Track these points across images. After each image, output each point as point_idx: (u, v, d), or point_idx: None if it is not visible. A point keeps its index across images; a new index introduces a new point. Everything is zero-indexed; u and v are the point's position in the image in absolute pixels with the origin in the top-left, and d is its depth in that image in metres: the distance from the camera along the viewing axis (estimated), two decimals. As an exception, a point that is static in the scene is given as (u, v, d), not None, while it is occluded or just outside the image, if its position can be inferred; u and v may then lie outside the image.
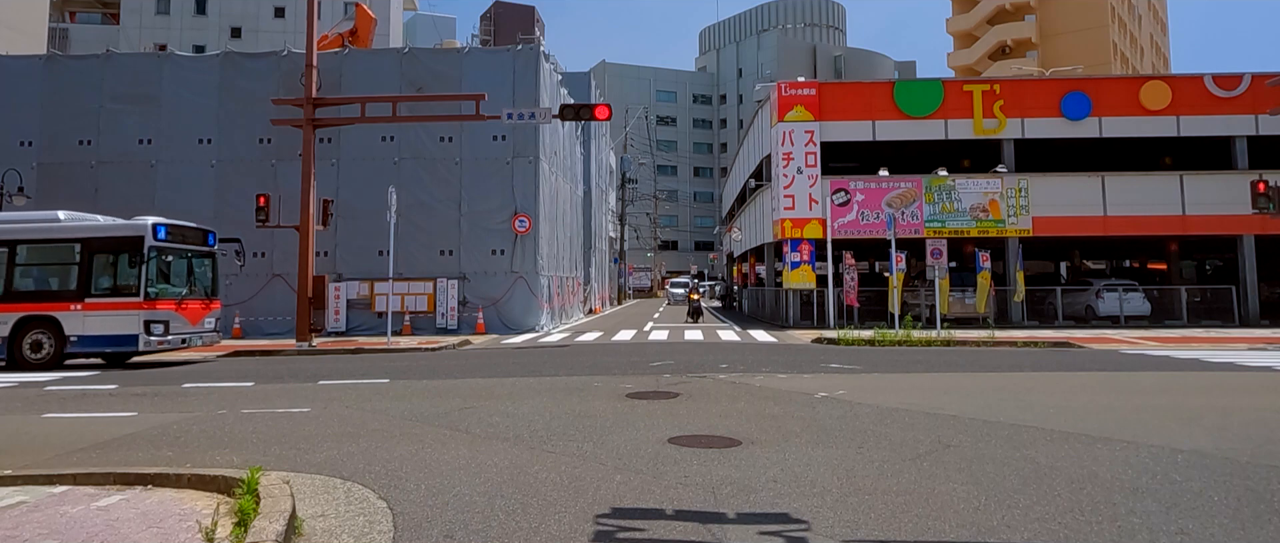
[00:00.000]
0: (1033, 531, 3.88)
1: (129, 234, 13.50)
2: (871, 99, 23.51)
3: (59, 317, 13.25)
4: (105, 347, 13.41)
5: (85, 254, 13.45)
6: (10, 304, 13.35)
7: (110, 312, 13.24)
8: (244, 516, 3.83)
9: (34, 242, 13.78)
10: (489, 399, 8.45)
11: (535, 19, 63.85)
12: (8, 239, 13.58)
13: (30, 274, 13.84)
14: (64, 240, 13.73)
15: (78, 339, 13.22)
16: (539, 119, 17.88)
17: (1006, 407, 7.64)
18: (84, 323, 13.21)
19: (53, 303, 13.38)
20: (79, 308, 13.26)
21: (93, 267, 13.47)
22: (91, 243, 13.50)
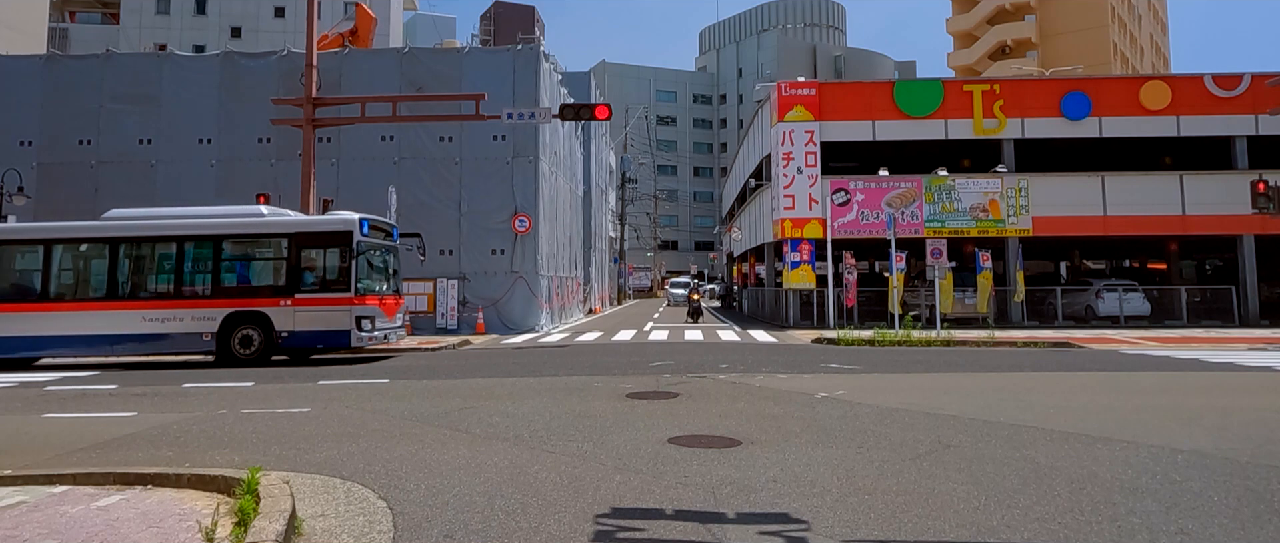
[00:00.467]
0: (1033, 531, 3.88)
1: (338, 229, 13.52)
2: (871, 99, 23.51)
3: (268, 312, 13.28)
4: (316, 343, 13.44)
5: (293, 249, 13.46)
6: (218, 300, 13.41)
7: (320, 307, 13.27)
8: (244, 516, 3.83)
9: (240, 237, 13.86)
10: (489, 399, 8.45)
11: (535, 19, 63.84)
12: (213, 234, 13.65)
13: (236, 269, 13.89)
14: (271, 235, 13.78)
15: (288, 335, 13.26)
16: (539, 119, 17.88)
17: (1006, 407, 7.64)
18: (294, 318, 13.25)
19: (261, 299, 13.40)
20: (289, 304, 13.28)
21: (301, 262, 13.49)
22: (299, 238, 13.52)
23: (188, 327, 13.30)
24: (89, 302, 13.55)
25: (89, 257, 14.10)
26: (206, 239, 13.68)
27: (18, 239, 14.13)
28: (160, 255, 13.92)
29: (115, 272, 13.75)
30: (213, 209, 15.07)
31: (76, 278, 14.13)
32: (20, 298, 13.64)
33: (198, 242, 13.72)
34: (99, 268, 13.89)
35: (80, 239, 14.10)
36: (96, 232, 13.98)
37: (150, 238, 13.91)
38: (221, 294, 13.48)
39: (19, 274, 14.06)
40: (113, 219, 14.20)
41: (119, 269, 13.77)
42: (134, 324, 13.27)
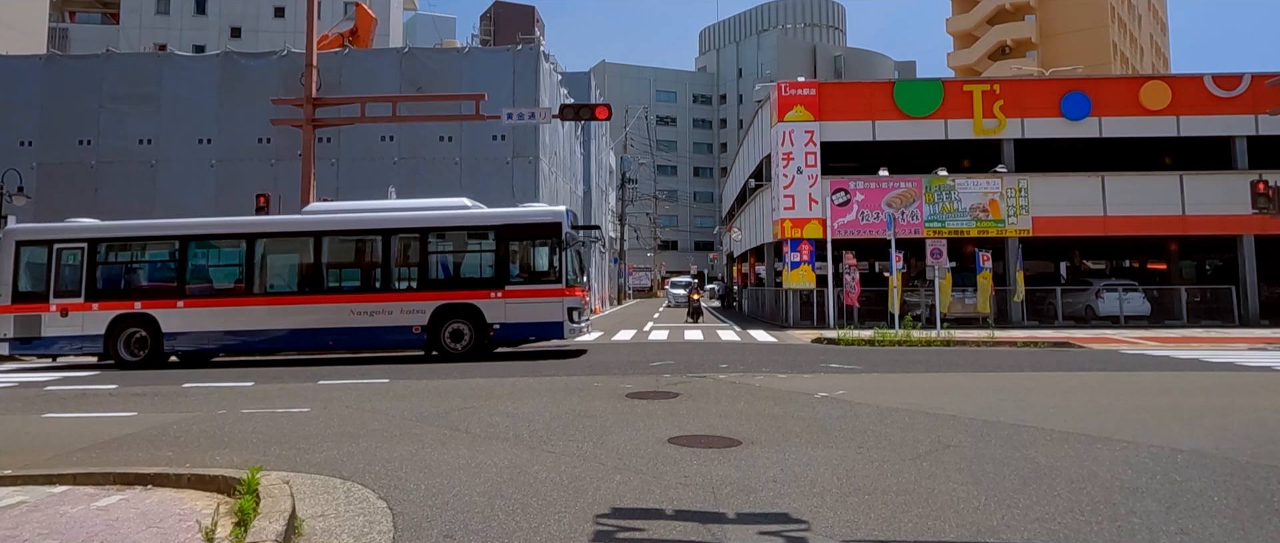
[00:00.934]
0: (1033, 531, 3.88)
1: (547, 220, 13.52)
2: (871, 99, 23.51)
3: (479, 304, 13.23)
4: (528, 335, 13.44)
5: (501, 241, 13.42)
6: (427, 292, 13.38)
7: (532, 299, 13.24)
8: (244, 516, 3.83)
9: (447, 229, 13.85)
10: (489, 399, 8.45)
11: (535, 19, 63.83)
12: (420, 226, 13.63)
13: (444, 261, 13.89)
14: (478, 227, 13.80)
15: (501, 327, 13.23)
16: (539, 119, 17.89)
17: (1006, 407, 7.64)
18: (505, 311, 13.21)
19: (471, 291, 13.37)
20: (499, 296, 13.25)
21: (509, 253, 13.45)
22: (507, 229, 13.48)
23: (397, 320, 13.28)
24: (294, 296, 13.55)
25: (292, 250, 14.06)
26: (413, 231, 13.64)
27: (219, 233, 14.21)
28: (366, 248, 13.93)
29: (320, 265, 13.72)
30: (413, 202, 15.06)
31: (280, 272, 14.11)
32: (222, 294, 13.73)
33: (404, 234, 13.68)
34: (304, 262, 13.83)
35: (283, 233, 14.09)
36: (300, 225, 13.96)
37: (356, 230, 13.91)
38: (430, 287, 13.42)
39: (221, 270, 14.12)
40: (314, 213, 14.20)
41: (324, 263, 13.76)
42: (342, 318, 13.31)
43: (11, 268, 13.66)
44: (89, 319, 13.37)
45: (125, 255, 14.20)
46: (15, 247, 13.78)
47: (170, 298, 13.51)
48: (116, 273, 14.02)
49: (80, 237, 13.79)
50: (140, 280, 13.98)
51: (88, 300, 13.47)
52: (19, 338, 13.43)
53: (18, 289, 13.62)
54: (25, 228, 14.37)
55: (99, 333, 13.31)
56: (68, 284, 13.61)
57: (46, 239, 13.81)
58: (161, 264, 14.01)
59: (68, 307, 13.45)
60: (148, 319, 13.38)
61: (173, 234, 13.99)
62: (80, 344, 13.42)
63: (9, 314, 13.51)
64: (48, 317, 13.42)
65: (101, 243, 13.84)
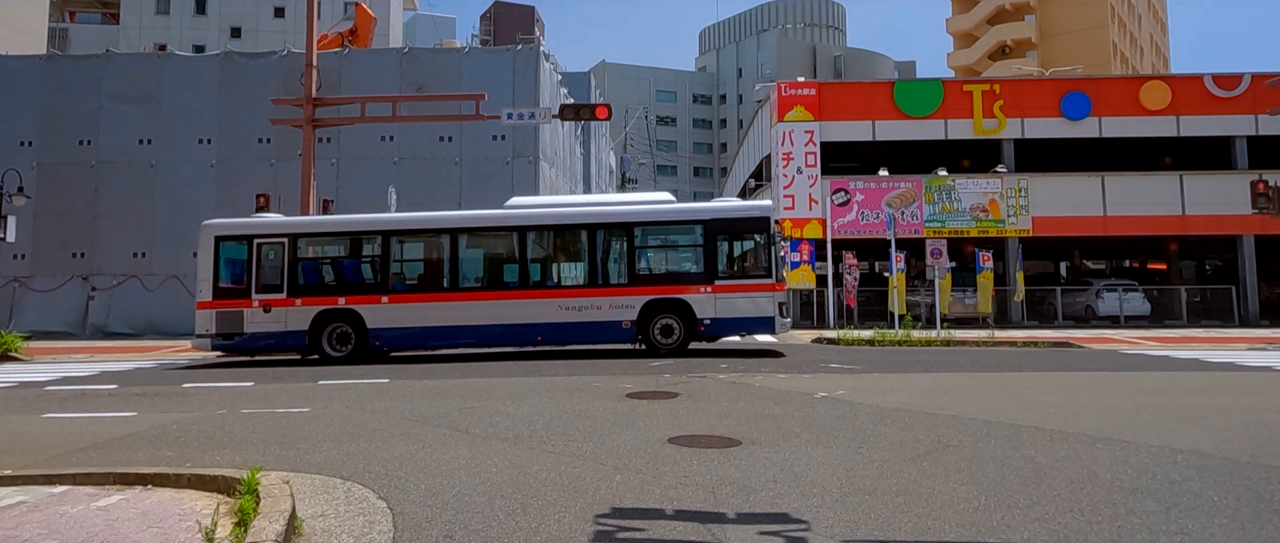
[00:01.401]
0: (1033, 531, 3.88)
1: (756, 215, 13.49)
2: (871, 99, 23.52)
3: (688, 299, 13.14)
4: (738, 330, 13.38)
5: (709, 236, 13.31)
6: (636, 287, 13.30)
7: (743, 294, 13.13)
8: (244, 516, 3.83)
9: (654, 223, 13.78)
10: (489, 399, 8.45)
11: (535, 19, 63.82)
12: (626, 221, 13.56)
13: (652, 256, 13.90)
14: (686, 222, 13.74)
15: (711, 323, 13.13)
16: (539, 119, 17.90)
17: (1006, 407, 7.64)
18: (715, 306, 13.11)
19: (680, 286, 13.31)
20: (709, 291, 13.14)
21: (717, 248, 13.37)
22: (715, 224, 13.39)
23: (605, 315, 13.22)
24: (501, 291, 13.53)
25: (497, 245, 14.04)
26: (620, 226, 13.57)
27: (423, 228, 14.20)
28: (573, 243, 13.92)
29: (526, 260, 13.66)
30: (614, 196, 15.08)
31: (485, 267, 14.11)
32: (426, 289, 13.70)
33: (611, 229, 13.63)
34: (510, 257, 13.77)
35: (488, 228, 14.06)
36: (505, 220, 13.88)
37: (562, 225, 13.89)
38: (638, 282, 13.35)
39: (425, 264, 14.11)
40: (516, 207, 14.14)
41: (530, 257, 13.71)
42: (550, 313, 13.27)
43: (212, 263, 13.55)
44: (293, 315, 13.32)
45: (327, 250, 14.20)
46: (214, 241, 13.62)
47: (374, 293, 13.48)
48: (318, 268, 14.02)
49: (281, 231, 13.71)
50: (343, 276, 13.97)
51: (290, 296, 13.40)
52: (221, 334, 13.35)
53: (218, 285, 13.51)
54: (223, 222, 14.21)
55: (303, 328, 13.26)
56: (269, 279, 13.52)
57: (246, 234, 13.69)
58: (364, 259, 13.97)
59: (270, 302, 13.38)
60: (352, 315, 13.36)
61: (375, 229, 13.95)
62: (284, 340, 13.39)
63: (211, 310, 13.40)
64: (250, 312, 13.34)
65: (302, 237, 13.81)
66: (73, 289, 21.23)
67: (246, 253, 13.56)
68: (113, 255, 21.22)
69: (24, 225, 18.89)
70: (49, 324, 20.56)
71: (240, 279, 13.55)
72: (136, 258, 21.25)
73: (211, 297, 13.45)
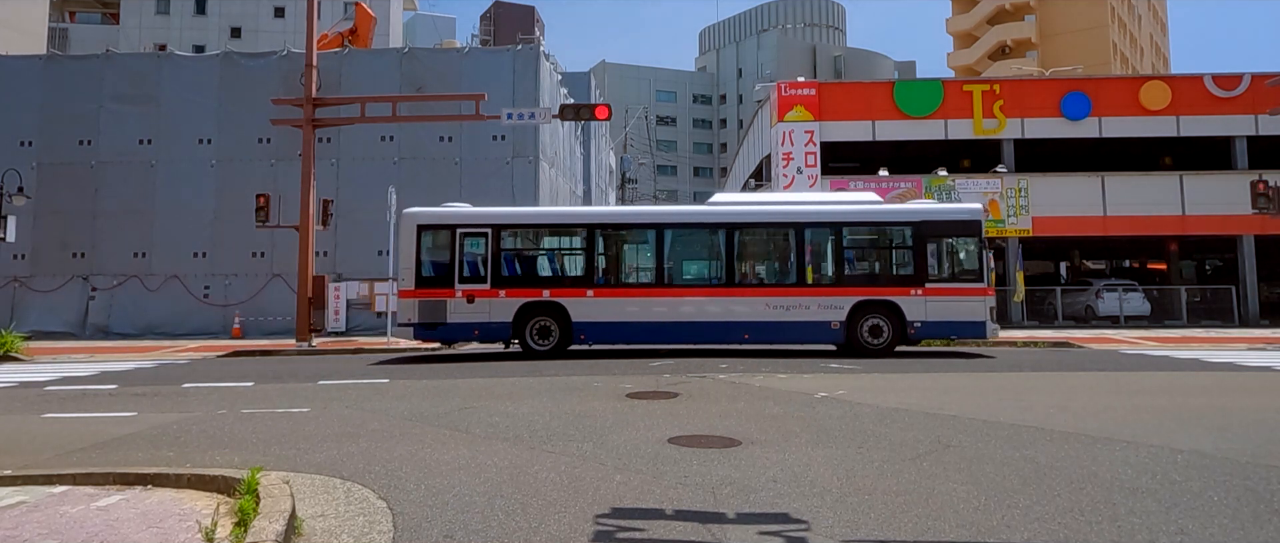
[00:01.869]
0: (1033, 531, 3.88)
1: (966, 217, 13.45)
2: (871, 99, 23.53)
3: (898, 301, 13.07)
4: (948, 334, 13.35)
5: (919, 238, 13.27)
6: (844, 288, 13.27)
7: (954, 297, 13.07)
8: (244, 516, 3.83)
9: (863, 223, 13.74)
10: (489, 399, 8.45)
11: (535, 19, 63.82)
12: (835, 220, 13.53)
13: (859, 257, 13.86)
14: (896, 223, 13.65)
15: (921, 325, 13.06)
16: (539, 119, 17.90)
17: (1006, 407, 7.64)
18: (925, 308, 13.05)
19: (889, 287, 13.24)
20: (919, 293, 13.07)
21: (927, 250, 13.30)
22: (925, 226, 13.32)
23: (813, 315, 13.17)
24: (707, 287, 13.51)
25: (703, 241, 13.99)
26: (828, 225, 13.54)
27: (629, 223, 14.21)
28: (780, 241, 13.86)
29: (733, 257, 13.57)
30: (820, 196, 15.03)
31: (692, 263, 14.08)
32: (632, 284, 13.69)
33: (819, 228, 13.59)
34: (716, 253, 13.69)
35: (695, 224, 14.01)
36: (712, 217, 13.85)
37: (770, 223, 13.85)
38: (847, 282, 13.33)
39: (631, 259, 14.08)
40: (721, 204, 14.12)
41: (736, 254, 13.62)
42: (757, 312, 13.23)
43: (414, 252, 13.53)
44: (496, 306, 13.33)
45: (531, 242, 14.21)
46: (416, 230, 13.61)
47: (579, 287, 13.49)
48: (522, 260, 14.03)
49: (484, 222, 13.71)
50: (547, 268, 14.01)
51: (494, 287, 13.40)
52: (424, 323, 13.36)
53: (420, 274, 13.51)
54: (426, 211, 14.17)
55: (506, 320, 13.29)
56: (472, 270, 13.52)
57: (450, 223, 13.70)
58: (568, 252, 13.99)
59: (473, 293, 13.37)
60: (557, 308, 13.35)
61: (580, 222, 14.01)
62: (487, 331, 13.41)
63: (414, 299, 13.40)
64: (453, 303, 13.35)
65: (505, 229, 13.77)
66: (73, 289, 21.23)
67: (449, 242, 13.57)
68: (113, 255, 21.22)
69: (24, 225, 18.90)
70: (49, 324, 20.56)
71: (443, 269, 13.57)
72: (137, 258, 21.25)
73: (414, 286, 13.46)
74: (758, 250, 14.04)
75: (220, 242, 21.10)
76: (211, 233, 21.22)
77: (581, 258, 13.80)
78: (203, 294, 21.05)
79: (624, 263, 14.08)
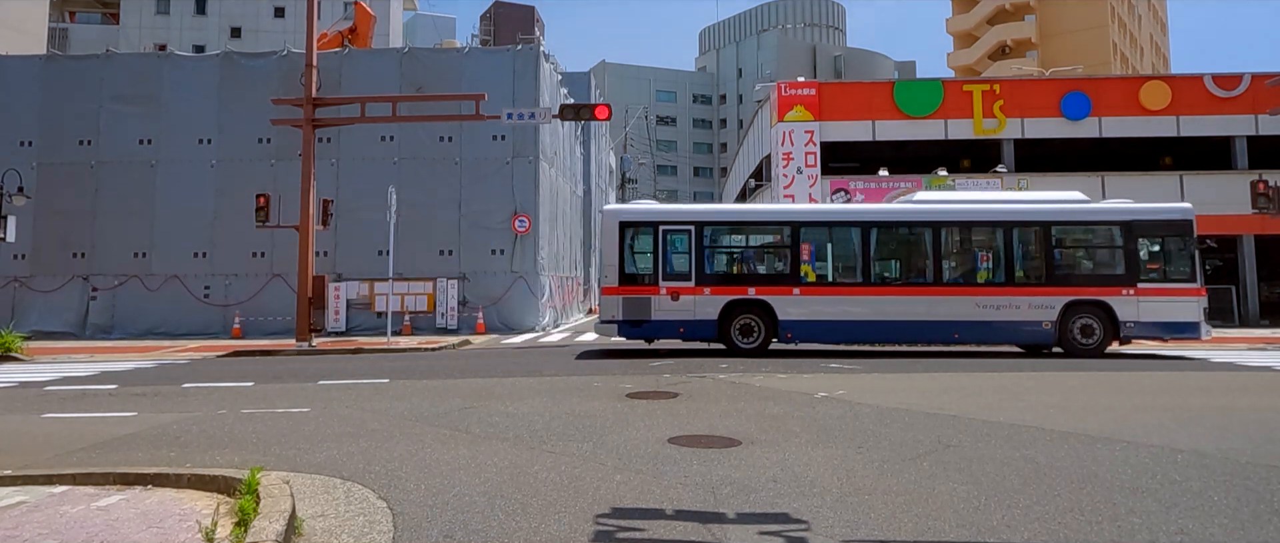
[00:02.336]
0: (1033, 530, 3.88)
1: (1178, 217, 13.39)
2: (871, 99, 23.52)
3: (1109, 302, 13.00)
4: (1160, 334, 13.21)
5: (1130, 237, 13.20)
6: (1055, 287, 13.18)
7: (1167, 297, 13.02)
8: (244, 516, 3.83)
9: (1069, 223, 13.68)
10: (489, 399, 8.45)
11: (535, 19, 63.84)
12: (1044, 220, 13.45)
13: (1070, 256, 13.78)
14: (1103, 222, 13.59)
15: (1134, 325, 12.99)
16: (539, 119, 17.89)
17: (1006, 407, 7.64)
18: (1138, 308, 12.98)
19: (1101, 287, 13.16)
20: (1131, 293, 13.01)
21: (1139, 250, 13.25)
22: (1138, 226, 13.26)
23: (1023, 315, 13.10)
24: (915, 286, 13.46)
25: (909, 240, 13.95)
26: (1036, 224, 13.47)
27: (834, 220, 14.12)
28: (988, 240, 13.80)
29: (940, 256, 13.52)
30: (1024, 194, 14.85)
31: (898, 261, 14.00)
32: (837, 282, 13.66)
33: (1027, 227, 13.53)
34: (923, 252, 13.64)
35: (900, 222, 13.95)
36: (918, 215, 13.78)
37: (977, 221, 13.78)
38: (1056, 281, 13.22)
39: (835, 257, 14.02)
40: (928, 203, 14.06)
41: (943, 253, 13.58)
42: (967, 311, 13.18)
43: (617, 250, 13.54)
44: (701, 304, 13.32)
45: (734, 240, 14.21)
46: (619, 227, 13.62)
47: (784, 285, 13.43)
48: (726, 257, 14.04)
49: (688, 219, 13.73)
50: (751, 266, 13.99)
51: (699, 284, 13.39)
52: (628, 320, 13.38)
53: (624, 271, 13.53)
54: (628, 208, 14.23)
55: (711, 318, 13.28)
56: (676, 267, 13.53)
57: (652, 220, 13.71)
58: (773, 249, 14.00)
59: (678, 290, 13.38)
60: (762, 306, 13.32)
61: (784, 220, 13.93)
62: (693, 329, 13.40)
63: (618, 296, 13.41)
64: (657, 300, 13.35)
65: (709, 226, 13.75)
66: (73, 289, 21.22)
67: (652, 239, 13.59)
68: (113, 255, 21.21)
69: (24, 225, 18.89)
70: (50, 324, 20.55)
71: (646, 266, 13.61)
72: (137, 258, 21.24)
73: (618, 282, 13.48)
74: (965, 249, 13.96)
75: (220, 242, 21.09)
76: (211, 233, 21.21)
77: (787, 256, 13.72)
78: (203, 294, 21.04)
79: (830, 261, 14.01)
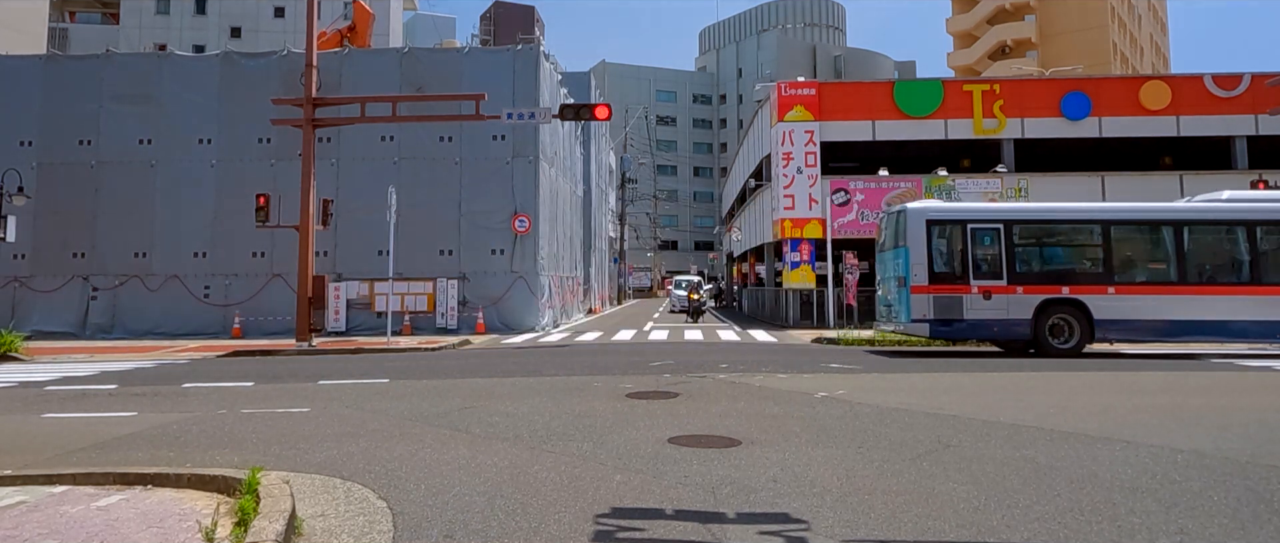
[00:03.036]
0: (1032, 530, 3.88)
1: None
2: (871, 99, 23.52)
3: None
4: None
5: None
6: None
7: None
8: (244, 515, 3.83)
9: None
10: (489, 399, 8.45)
11: (535, 19, 63.85)
12: None
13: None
14: None
15: None
16: (539, 119, 17.89)
17: (1006, 407, 7.64)
18: None
19: None
20: None
21: None
22: None
23: None
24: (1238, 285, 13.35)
25: (1229, 237, 13.83)
26: None
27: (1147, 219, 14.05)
28: None
29: (1263, 253, 13.37)
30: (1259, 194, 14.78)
31: (1214, 260, 13.92)
32: (1151, 280, 13.56)
33: None
34: (1243, 249, 13.51)
35: (1220, 220, 13.81)
36: (1238, 214, 13.61)
37: None
38: None
39: (1148, 255, 13.96)
40: (1243, 202, 13.95)
41: (1267, 250, 13.41)
42: None
43: (924, 249, 13.53)
44: (1013, 303, 13.27)
45: (1046, 238, 14.15)
46: (926, 226, 13.62)
47: (1099, 283, 13.35)
48: (1037, 256, 13.99)
49: (996, 217, 13.73)
50: (1064, 264, 13.92)
51: (1011, 284, 13.36)
52: (939, 319, 13.36)
53: (933, 270, 13.52)
54: (934, 206, 14.25)
55: (1024, 318, 13.20)
56: (985, 265, 13.51)
57: (960, 219, 13.73)
58: (1087, 248, 13.91)
59: (989, 289, 13.34)
60: (1077, 304, 13.24)
61: (1096, 218, 13.89)
62: (1003, 328, 13.37)
63: (928, 295, 13.39)
64: (969, 299, 13.33)
65: (1018, 224, 13.71)
66: (73, 289, 21.23)
67: (960, 238, 13.58)
68: (113, 255, 21.22)
69: (24, 225, 18.89)
70: (50, 324, 20.56)
71: (953, 265, 13.59)
72: (137, 258, 21.24)
73: (927, 282, 13.46)
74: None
75: (220, 242, 21.10)
76: (211, 233, 21.22)
77: (1100, 254, 13.64)
78: (203, 294, 21.04)
79: (1144, 259, 13.97)
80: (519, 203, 21.35)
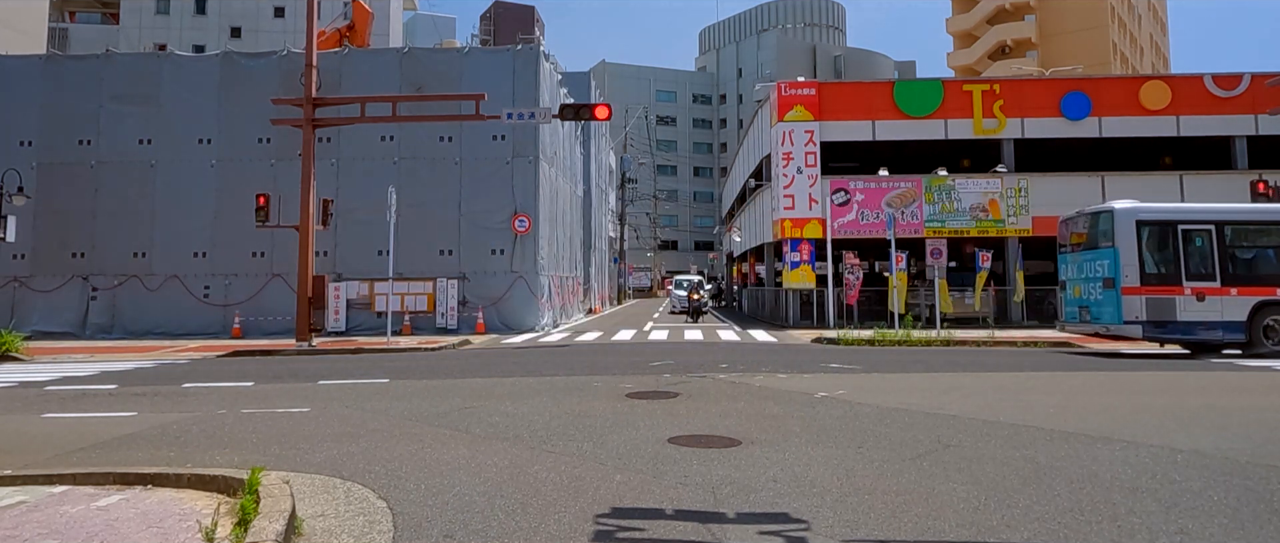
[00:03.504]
0: (1033, 530, 3.88)
1: None
2: (871, 99, 23.52)
3: None
4: None
5: None
6: None
7: None
8: (244, 515, 3.83)
9: None
10: (489, 399, 8.45)
11: (535, 19, 63.83)
12: None
13: None
14: None
15: None
16: (539, 119, 17.89)
17: (1006, 407, 7.64)
18: None
19: None
20: None
21: None
22: None
23: None
24: None
25: None
26: None
27: None
28: None
29: None
30: None
31: None
32: None
33: None
34: None
35: None
36: None
37: None
38: None
39: None
40: None
41: None
42: None
43: (1135, 249, 13.50)
44: (1228, 305, 13.23)
45: (1260, 239, 14.04)
46: (1135, 226, 13.59)
47: None
48: (1252, 256, 13.89)
49: (1208, 218, 13.68)
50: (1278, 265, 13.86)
51: (1224, 285, 13.32)
52: (1152, 321, 13.32)
53: (1144, 271, 13.47)
54: (1144, 207, 14.16)
55: (1239, 319, 13.16)
56: (1198, 266, 13.46)
57: (1170, 219, 13.69)
58: None
59: (1202, 290, 13.29)
60: None
61: None
62: (1217, 330, 13.30)
63: (1140, 296, 13.34)
64: (1182, 300, 13.28)
65: (1230, 225, 13.70)
66: (73, 289, 21.22)
67: (1171, 238, 13.55)
68: (113, 255, 21.21)
69: (24, 225, 18.88)
70: (50, 324, 20.55)
71: (1166, 266, 13.55)
72: (137, 258, 21.24)
73: (1139, 283, 13.42)
74: None
75: (220, 242, 21.09)
76: (211, 233, 21.21)
77: None
78: (203, 294, 21.04)
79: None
80: (519, 203, 21.34)
